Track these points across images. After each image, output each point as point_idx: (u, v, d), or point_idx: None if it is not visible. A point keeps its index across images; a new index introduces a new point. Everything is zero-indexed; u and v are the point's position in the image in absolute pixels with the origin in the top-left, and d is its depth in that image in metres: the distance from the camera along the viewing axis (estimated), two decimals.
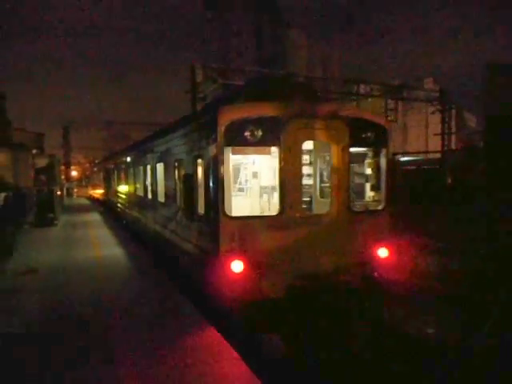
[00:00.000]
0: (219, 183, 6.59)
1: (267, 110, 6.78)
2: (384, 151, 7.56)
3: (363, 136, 7.29)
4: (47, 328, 6.78)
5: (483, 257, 11.11)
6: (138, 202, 14.73)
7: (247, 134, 6.59)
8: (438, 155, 33.68)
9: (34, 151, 32.29)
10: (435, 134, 35.87)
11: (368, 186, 7.91)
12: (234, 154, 7.10)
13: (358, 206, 7.81)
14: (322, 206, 7.64)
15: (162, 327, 6.72)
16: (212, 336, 6.26)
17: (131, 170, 16.15)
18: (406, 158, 41.07)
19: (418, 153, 51.99)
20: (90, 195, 45.70)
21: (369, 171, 7.82)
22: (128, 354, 5.71)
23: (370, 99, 40.94)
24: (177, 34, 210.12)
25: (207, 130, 7.02)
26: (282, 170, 6.78)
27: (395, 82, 39.30)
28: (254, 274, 6.49)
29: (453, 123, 34.28)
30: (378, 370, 6.41)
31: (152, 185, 12.08)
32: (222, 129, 6.50)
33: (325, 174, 7.63)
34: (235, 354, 5.65)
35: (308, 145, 7.60)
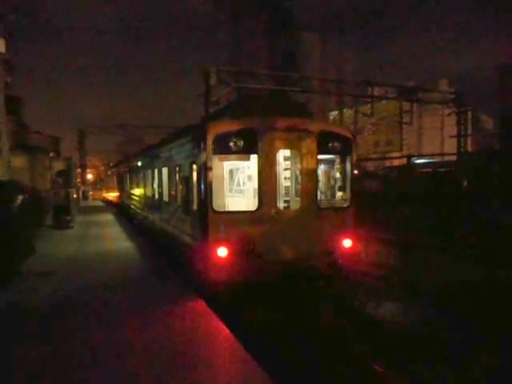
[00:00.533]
0: (208, 184, 8.04)
1: (247, 125, 8.24)
2: (349, 158, 9.02)
3: (330, 146, 8.78)
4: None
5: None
6: (146, 202, 16.52)
7: (231, 144, 8.06)
8: (454, 158, 33.32)
9: (51, 154, 32.73)
10: (451, 137, 35.49)
11: (336, 187, 9.45)
12: (220, 160, 8.79)
13: (326, 203, 9.25)
14: (296, 204, 8.92)
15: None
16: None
17: (141, 174, 17.87)
18: (421, 161, 40.70)
19: (434, 155, 51.55)
20: (104, 197, 46.31)
21: (337, 175, 9.35)
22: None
23: (384, 101, 40.74)
24: (191, 38, 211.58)
25: (199, 142, 8.39)
26: (260, 174, 8.26)
27: (410, 84, 39.03)
28: (236, 259, 7.86)
29: (469, 125, 33.90)
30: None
31: (158, 186, 13.67)
32: (209, 141, 7.97)
33: (299, 177, 8.82)
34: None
35: (286, 153, 9.00)
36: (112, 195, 38.03)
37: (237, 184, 10.54)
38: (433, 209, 13.23)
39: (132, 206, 21.59)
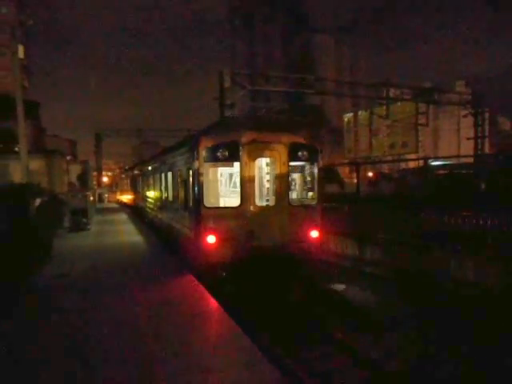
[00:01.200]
0: (200, 186, 9.87)
1: (231, 138, 10.01)
2: (316, 165, 10.73)
3: (300, 155, 10.44)
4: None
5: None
6: (154, 201, 18.80)
7: (218, 154, 9.82)
8: (471, 159, 32.88)
9: (68, 157, 33.14)
10: (468, 138, 35.10)
11: (306, 188, 11.31)
12: (210, 167, 10.47)
13: (296, 201, 10.93)
14: (272, 201, 10.60)
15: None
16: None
17: (150, 178, 20.34)
18: (437, 163, 40.24)
19: (450, 157, 50.92)
20: (118, 200, 47.22)
21: (308, 178, 11.16)
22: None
23: (399, 103, 40.42)
24: (206, 41, 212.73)
25: (193, 152, 10.22)
26: (241, 178, 10.02)
27: (426, 85, 38.66)
28: (221, 246, 9.66)
29: (486, 127, 33.44)
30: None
31: (163, 188, 15.80)
32: (201, 151, 9.80)
33: (274, 179, 10.52)
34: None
35: (265, 160, 10.76)
36: (125, 197, 39.92)
37: (224, 185, 12.47)
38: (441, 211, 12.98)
39: (143, 206, 24.10)
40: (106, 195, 54.07)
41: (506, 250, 10.93)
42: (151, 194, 19.97)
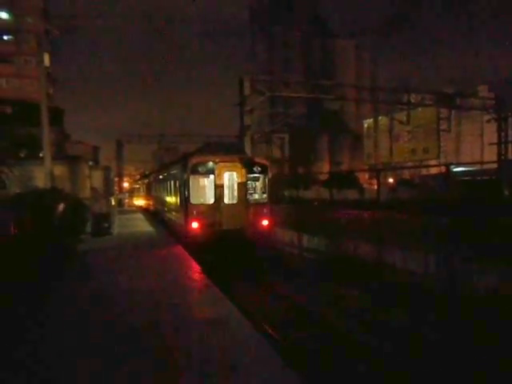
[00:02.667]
0: (188, 189, 14.66)
1: (208, 159, 14.77)
2: (266, 176, 15.60)
3: (253, 169, 15.21)
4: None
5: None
6: (162, 202, 23.96)
7: (199, 169, 14.64)
8: (495, 165, 32.25)
9: (91, 163, 33.66)
10: (491, 144, 34.47)
11: (260, 191, 15.89)
12: (194, 177, 14.87)
13: (252, 200, 15.33)
14: (235, 200, 15.00)
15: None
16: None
17: (157, 185, 26.94)
18: (459, 169, 39.57)
19: (473, 163, 50.04)
20: (134, 204, 49.39)
21: (260, 185, 15.81)
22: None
23: (420, 108, 39.98)
24: (227, 47, 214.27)
25: (185, 167, 15.02)
26: (215, 185, 14.66)
27: (448, 90, 38.15)
28: (201, 228, 14.36)
29: (510, 132, 32.79)
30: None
31: (166, 192, 21.01)
32: (189, 167, 14.61)
33: (236, 186, 15.05)
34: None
35: (231, 173, 14.98)
36: (140, 201, 45.80)
37: (204, 189, 15.90)
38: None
39: (153, 207, 31.11)
40: (126, 200, 54.68)
41: None
42: (158, 196, 26.14)
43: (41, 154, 21.45)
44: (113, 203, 28.48)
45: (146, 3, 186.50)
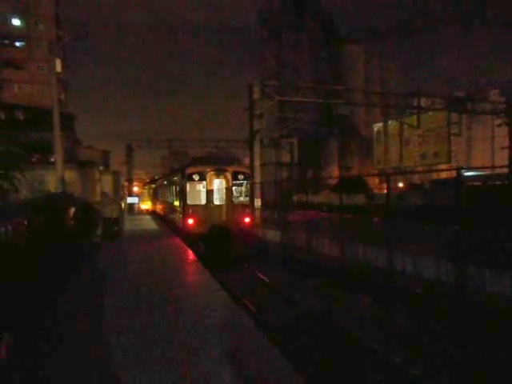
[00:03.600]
0: (185, 193, 18.31)
1: (200, 169, 18.46)
2: (248, 182, 19.13)
3: (238, 177, 18.70)
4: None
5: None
6: (164, 204, 28.31)
7: (194, 177, 18.25)
8: (506, 170, 31.87)
9: (101, 168, 33.92)
10: (502, 148, 34.15)
11: (243, 194, 19.16)
12: (190, 183, 18.45)
13: (236, 201, 18.62)
14: (222, 202, 18.47)
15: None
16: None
17: (162, 189, 31.37)
18: (470, 173, 39.19)
19: (484, 168, 49.56)
20: (141, 208, 50.59)
21: (243, 189, 19.05)
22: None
23: (430, 112, 39.77)
24: (236, 52, 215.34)
25: (182, 175, 19.11)
26: (206, 190, 18.18)
27: (459, 94, 37.93)
28: (195, 224, 17.83)
29: None
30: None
31: (168, 195, 25.34)
32: (186, 175, 18.45)
33: (224, 190, 18.55)
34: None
35: (220, 180, 18.58)
36: (146, 205, 49.56)
37: (198, 193, 18.91)
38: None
39: (158, 209, 36.01)
40: (136, 205, 54.97)
41: None
42: (162, 199, 31.03)
43: (52, 159, 21.72)
44: (122, 207, 28.81)
45: (156, 10, 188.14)
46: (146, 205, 48.77)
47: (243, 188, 19.19)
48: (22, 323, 4.87)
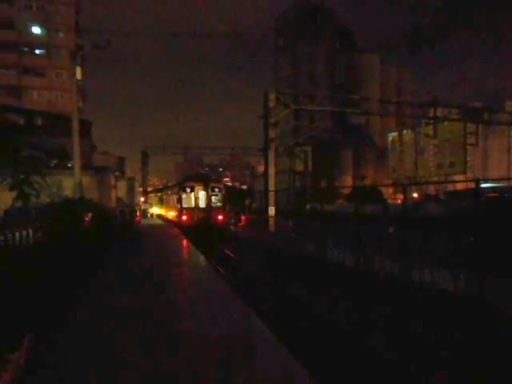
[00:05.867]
0: (181, 200, 31.15)
1: (191, 184, 31.37)
2: (221, 192, 31.70)
3: (215, 190, 31.40)
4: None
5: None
6: (167, 207, 38.61)
7: (187, 189, 31.11)
8: None
9: (116, 174, 34.27)
10: None
11: (219, 201, 31.64)
12: (184, 193, 31.11)
13: (214, 205, 30.75)
14: (204, 205, 30.59)
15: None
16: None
17: (166, 197, 42.36)
18: (486, 185, 38.63)
19: (500, 179, 48.92)
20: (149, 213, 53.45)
21: (219, 198, 31.49)
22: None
23: (446, 122, 39.46)
24: (252, 60, 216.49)
25: (179, 188, 32.60)
26: (194, 198, 30.86)
27: (476, 105, 37.60)
28: (187, 219, 30.27)
29: None
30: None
31: (170, 202, 36.75)
32: (181, 188, 31.75)
33: (205, 198, 30.80)
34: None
35: (203, 192, 30.96)
36: (154, 210, 56.37)
37: (189, 200, 30.19)
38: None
39: (163, 210, 45.39)
40: (150, 210, 55.42)
41: None
42: (166, 205, 41.49)
43: (69, 164, 22.01)
44: (137, 213, 29.39)
45: (171, 19, 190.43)
46: (156, 209, 54.36)
47: (218, 197, 31.33)
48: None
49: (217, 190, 30.75)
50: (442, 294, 10.48)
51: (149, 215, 52.98)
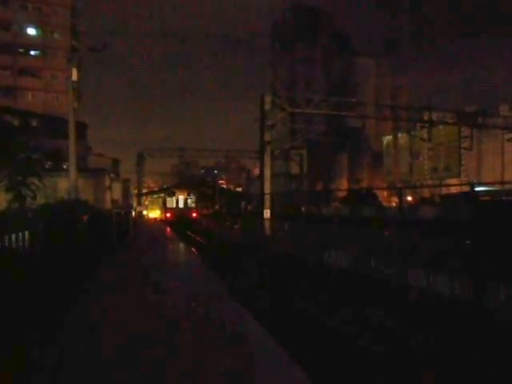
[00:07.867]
0: (165, 202, 50.97)
1: (174, 190, 52.61)
2: (196, 196, 53.35)
3: (191, 194, 51.84)
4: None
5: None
6: (156, 208, 58.69)
7: (171, 194, 51.01)
8: None
9: (111, 175, 34.24)
10: None
11: (192, 203, 52.06)
12: (169, 198, 51.17)
13: (190, 206, 51.31)
14: (183, 206, 50.04)
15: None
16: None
17: (155, 200, 59.64)
18: (480, 188, 38.82)
19: (494, 183, 49.19)
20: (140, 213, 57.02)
21: (193, 201, 52.10)
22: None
23: (441, 126, 39.69)
24: (248, 63, 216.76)
25: (165, 193, 54.63)
26: (176, 201, 50.09)
27: (470, 109, 37.85)
28: (170, 216, 47.94)
29: None
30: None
31: (158, 204, 57.91)
32: (167, 193, 52.60)
33: (183, 202, 50.90)
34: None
35: (182, 197, 50.84)
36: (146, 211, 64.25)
37: (173, 203, 49.67)
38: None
39: (152, 211, 59.47)
40: (145, 212, 55.49)
41: None
42: (154, 206, 58.53)
43: (64, 166, 21.96)
44: (132, 215, 29.15)
45: (168, 21, 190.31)
46: (145, 211, 64.18)
47: (193, 200, 49.41)
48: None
49: (192, 195, 50.73)
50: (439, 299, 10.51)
51: (144, 215, 53.20)
